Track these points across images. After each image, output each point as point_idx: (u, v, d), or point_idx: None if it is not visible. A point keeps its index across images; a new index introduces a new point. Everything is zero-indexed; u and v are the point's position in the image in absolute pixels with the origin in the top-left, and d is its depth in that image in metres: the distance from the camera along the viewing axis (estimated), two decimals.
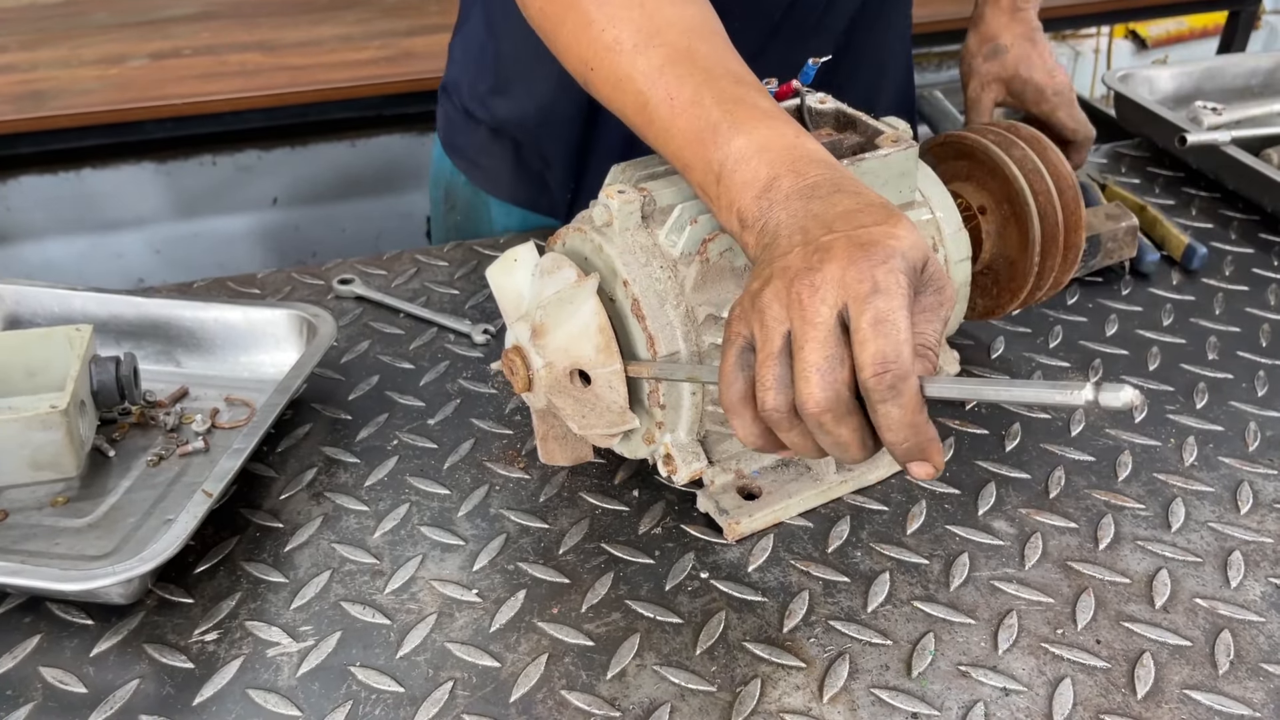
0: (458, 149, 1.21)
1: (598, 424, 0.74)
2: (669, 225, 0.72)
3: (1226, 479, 0.86)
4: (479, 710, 0.67)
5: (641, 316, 0.71)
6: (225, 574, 0.76)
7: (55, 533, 0.78)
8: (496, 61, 1.11)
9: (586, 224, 0.74)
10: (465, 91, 1.16)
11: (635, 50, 0.69)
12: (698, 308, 0.72)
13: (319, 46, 1.94)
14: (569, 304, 0.71)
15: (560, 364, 0.72)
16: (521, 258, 0.76)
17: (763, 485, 0.81)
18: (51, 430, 0.77)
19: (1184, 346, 1.01)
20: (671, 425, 0.74)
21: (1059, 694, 0.68)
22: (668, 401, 0.73)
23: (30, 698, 0.67)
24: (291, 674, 0.69)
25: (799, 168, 0.64)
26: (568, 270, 0.72)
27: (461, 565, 0.77)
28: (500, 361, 0.76)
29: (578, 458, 0.83)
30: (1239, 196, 1.25)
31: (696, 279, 0.72)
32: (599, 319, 0.71)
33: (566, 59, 0.75)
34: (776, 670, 0.70)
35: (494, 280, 0.77)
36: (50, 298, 0.93)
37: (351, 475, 0.84)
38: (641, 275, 0.72)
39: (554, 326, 0.72)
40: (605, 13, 0.71)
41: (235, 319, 0.93)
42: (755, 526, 0.80)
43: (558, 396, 0.73)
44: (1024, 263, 0.88)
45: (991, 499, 0.83)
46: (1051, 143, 0.89)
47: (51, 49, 1.92)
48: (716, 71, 0.68)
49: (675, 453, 0.74)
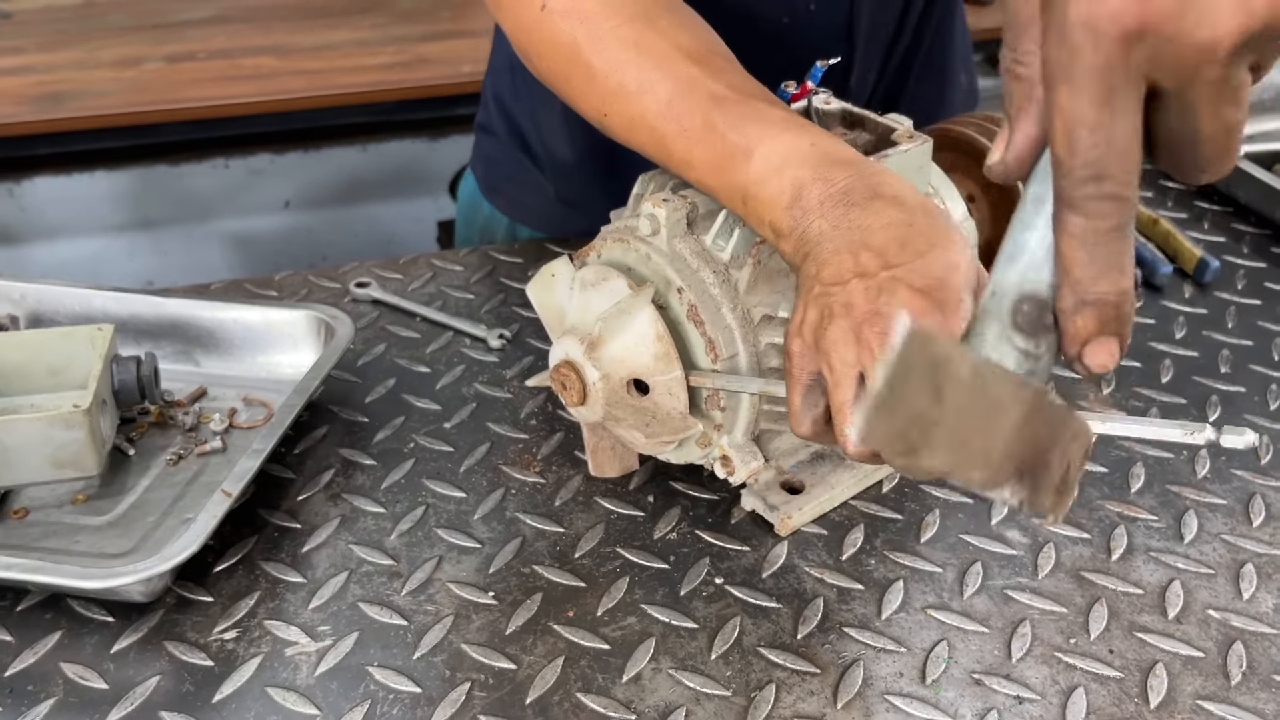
0: (497, 188, 1.20)
1: (662, 431, 0.74)
2: (715, 230, 0.73)
3: (1239, 492, 0.86)
4: (496, 711, 0.68)
5: (700, 322, 0.72)
6: (244, 573, 0.77)
7: (75, 530, 0.79)
8: (530, 104, 1.11)
9: (627, 234, 0.75)
10: (502, 130, 1.16)
11: (641, 91, 0.70)
12: (753, 309, 0.73)
13: (333, 51, 1.96)
14: (624, 314, 0.71)
15: (617, 375, 0.72)
16: (559, 272, 0.76)
17: (804, 479, 0.83)
18: (74, 429, 0.77)
19: (1197, 359, 1.01)
20: (729, 427, 0.75)
21: (1072, 703, 0.69)
22: (727, 404, 0.74)
23: (51, 693, 0.68)
24: (310, 673, 0.70)
25: (824, 174, 0.64)
26: (616, 281, 0.72)
27: (478, 567, 0.77)
28: (536, 378, 0.76)
29: (626, 468, 0.83)
30: (1251, 211, 1.25)
31: (749, 281, 0.73)
32: (656, 327, 0.71)
33: (581, 110, 0.76)
34: (791, 676, 0.70)
35: (535, 297, 0.78)
36: (71, 297, 0.94)
37: (368, 477, 0.85)
38: (694, 281, 0.72)
39: (610, 338, 0.72)
40: (605, 60, 0.72)
41: (254, 320, 0.94)
42: (805, 519, 0.81)
43: (617, 408, 0.74)
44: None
45: (1005, 509, 0.83)
46: None
47: (69, 51, 1.93)
48: (722, 94, 0.69)
49: (733, 453, 0.75)
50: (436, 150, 2.67)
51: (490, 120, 1.18)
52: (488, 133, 1.19)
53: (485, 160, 1.21)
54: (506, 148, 1.16)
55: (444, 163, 2.63)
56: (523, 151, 1.15)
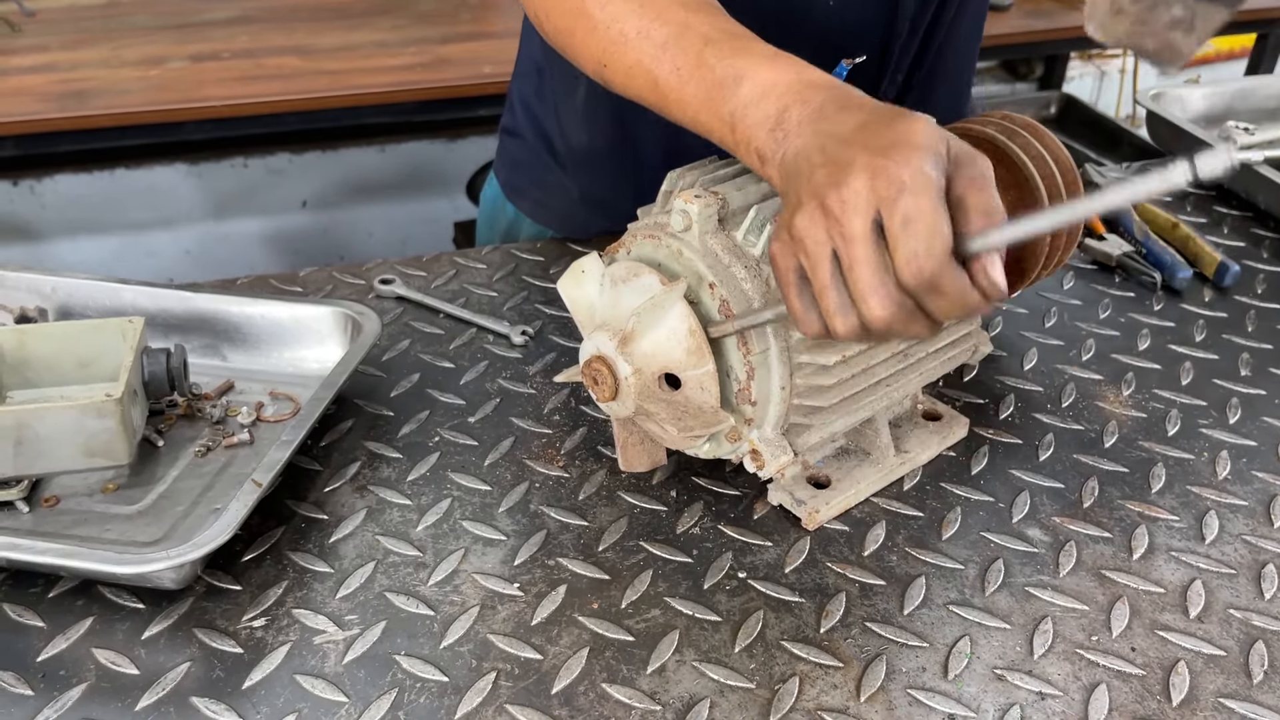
0: (521, 191, 1.21)
1: (694, 425, 0.75)
2: (746, 226, 0.74)
3: (1260, 493, 0.86)
4: (522, 701, 0.68)
5: (731, 316, 0.73)
6: (272, 563, 0.77)
7: (106, 519, 0.80)
8: (555, 106, 1.13)
9: (658, 231, 0.75)
10: (529, 133, 1.17)
11: (639, 37, 0.74)
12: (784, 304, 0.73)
13: (355, 51, 1.97)
14: (657, 309, 0.72)
15: (649, 370, 0.73)
16: (589, 268, 0.77)
17: (829, 473, 0.84)
18: (106, 418, 0.78)
19: (1217, 362, 1.02)
20: (760, 421, 0.76)
21: (1094, 699, 0.69)
22: (758, 397, 0.74)
23: (84, 678, 0.69)
24: (338, 661, 0.70)
25: (805, 96, 0.66)
26: (648, 277, 0.73)
27: (503, 559, 0.78)
28: (566, 373, 0.77)
29: (654, 462, 0.84)
30: (1270, 215, 1.25)
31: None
32: (689, 322, 0.71)
33: (582, 63, 0.80)
34: (814, 669, 0.71)
35: (566, 293, 0.79)
36: (101, 291, 0.95)
37: (394, 470, 0.86)
38: (726, 276, 0.73)
39: (643, 333, 0.72)
40: (608, 13, 0.76)
41: (282, 315, 0.95)
42: (832, 513, 0.82)
43: (648, 402, 0.74)
44: (1036, 244, 0.89)
45: (1026, 507, 0.84)
46: (1046, 129, 0.91)
47: (93, 49, 1.95)
48: (714, 35, 0.72)
49: (763, 447, 0.76)
50: (454, 152, 2.68)
51: (516, 123, 1.19)
52: (513, 135, 1.20)
53: (510, 163, 1.22)
54: (532, 150, 1.17)
55: (461, 164, 2.64)
56: (548, 154, 1.16)
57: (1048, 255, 0.90)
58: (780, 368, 0.74)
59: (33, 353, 0.87)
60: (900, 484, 0.86)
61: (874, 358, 0.78)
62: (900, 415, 0.90)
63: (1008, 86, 3.05)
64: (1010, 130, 0.91)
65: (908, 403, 0.90)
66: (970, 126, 0.92)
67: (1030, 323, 1.06)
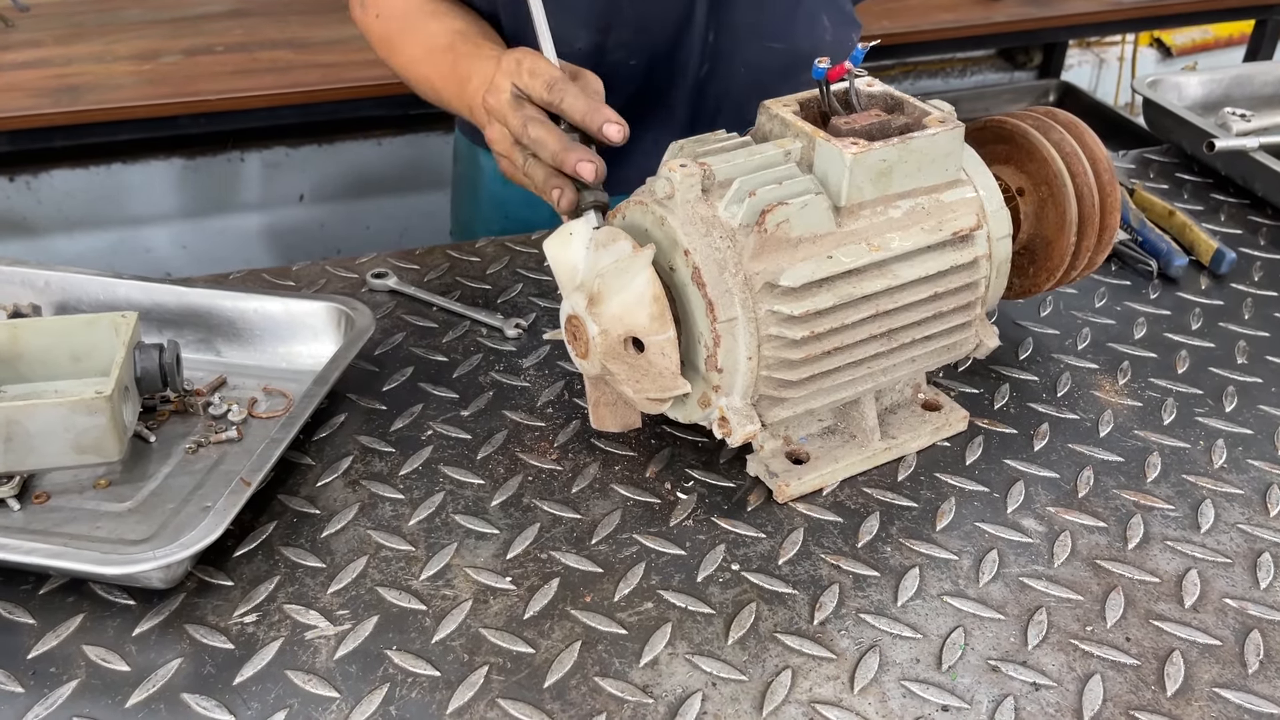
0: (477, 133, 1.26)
1: (651, 389, 0.76)
2: (728, 197, 0.74)
3: (1256, 481, 0.86)
4: (514, 695, 0.68)
5: (702, 284, 0.73)
6: (263, 558, 0.77)
7: (96, 516, 0.80)
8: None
9: (647, 197, 0.77)
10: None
11: (423, 57, 1.06)
12: (755, 275, 0.74)
13: (349, 45, 1.96)
14: (625, 274, 0.73)
15: (615, 331, 0.75)
16: (577, 231, 0.79)
17: (810, 451, 0.84)
18: (96, 415, 0.78)
19: (1213, 350, 1.01)
20: (727, 389, 0.76)
21: (1089, 690, 0.69)
22: (725, 365, 0.75)
23: (74, 675, 0.69)
24: (329, 656, 0.70)
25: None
26: (623, 243, 0.74)
27: (495, 553, 0.78)
28: (554, 332, 0.79)
29: (626, 425, 0.85)
30: (1267, 203, 1.25)
31: (755, 248, 0.74)
32: (653, 288, 0.73)
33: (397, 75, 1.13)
34: (808, 661, 0.71)
35: (550, 252, 0.80)
36: (95, 285, 0.95)
37: (386, 464, 0.86)
38: (702, 245, 0.74)
39: (609, 295, 0.74)
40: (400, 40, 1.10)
41: (275, 310, 0.95)
42: (804, 489, 0.82)
43: (612, 362, 0.76)
44: (1061, 242, 0.89)
45: (1020, 497, 0.84)
46: (1089, 128, 0.91)
47: (86, 44, 1.94)
48: (462, 48, 1.01)
49: (730, 416, 0.76)
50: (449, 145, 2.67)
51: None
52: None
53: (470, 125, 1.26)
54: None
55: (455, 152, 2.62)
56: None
57: (1073, 257, 0.90)
58: (748, 338, 0.75)
59: (26, 347, 0.86)
60: (894, 475, 0.85)
61: (848, 338, 0.78)
62: (897, 402, 0.89)
63: (1006, 75, 3.04)
64: (1046, 126, 0.90)
65: (907, 391, 0.90)
66: (1005, 120, 0.92)
67: (1026, 311, 1.06)
